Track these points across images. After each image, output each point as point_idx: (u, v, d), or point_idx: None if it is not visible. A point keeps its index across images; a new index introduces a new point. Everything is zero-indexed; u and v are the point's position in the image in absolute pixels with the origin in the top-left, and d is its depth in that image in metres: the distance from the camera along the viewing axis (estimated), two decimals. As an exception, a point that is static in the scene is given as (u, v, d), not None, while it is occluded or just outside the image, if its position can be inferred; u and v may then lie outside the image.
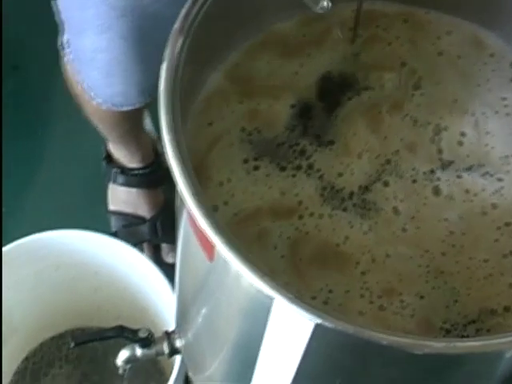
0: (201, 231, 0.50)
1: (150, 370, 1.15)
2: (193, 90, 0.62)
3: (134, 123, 1.13)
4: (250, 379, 0.65)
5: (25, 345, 1.17)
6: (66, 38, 0.94)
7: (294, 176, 0.62)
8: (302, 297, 0.48)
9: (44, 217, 1.31)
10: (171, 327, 0.85)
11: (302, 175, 0.62)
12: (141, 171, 1.23)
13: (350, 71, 0.67)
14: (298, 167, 0.63)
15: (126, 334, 0.81)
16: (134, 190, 1.24)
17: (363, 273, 0.59)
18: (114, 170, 1.24)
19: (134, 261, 1.03)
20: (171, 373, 1.05)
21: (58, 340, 1.19)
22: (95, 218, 1.23)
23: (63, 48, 0.96)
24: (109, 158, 1.26)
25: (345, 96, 0.66)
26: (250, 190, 0.62)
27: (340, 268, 0.60)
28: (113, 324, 0.94)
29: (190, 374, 0.80)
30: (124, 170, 1.23)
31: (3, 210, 1.35)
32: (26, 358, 1.18)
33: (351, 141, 0.64)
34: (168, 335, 0.82)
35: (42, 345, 1.19)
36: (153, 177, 1.24)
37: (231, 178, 0.62)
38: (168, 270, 0.98)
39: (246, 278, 0.49)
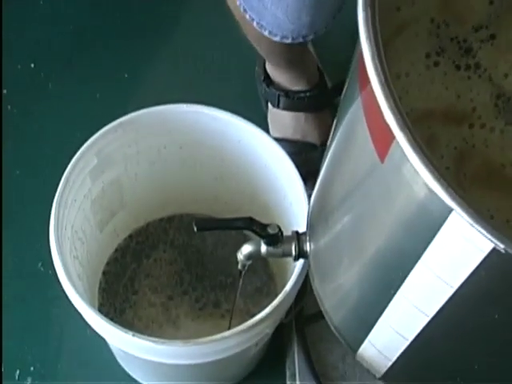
0: (381, 125, 0.49)
1: (259, 272, 1.17)
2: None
3: (299, 51, 1.13)
4: (387, 300, 0.64)
5: (130, 222, 1.19)
6: None
7: (469, 78, 0.61)
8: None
9: (173, 90, 1.32)
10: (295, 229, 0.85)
11: (476, 79, 0.62)
12: (308, 94, 1.21)
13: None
14: (467, 67, 0.62)
15: (254, 228, 0.82)
16: (301, 115, 1.23)
17: (526, 204, 0.58)
18: (277, 93, 1.22)
19: (268, 151, 1.03)
20: (284, 279, 1.06)
21: (166, 223, 1.22)
22: (228, 99, 1.23)
23: None
24: (269, 79, 1.24)
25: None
26: (426, 87, 0.61)
27: (503, 193, 0.60)
28: (228, 217, 0.95)
29: (315, 283, 0.80)
30: (288, 93, 1.22)
31: (125, 75, 1.38)
32: (130, 236, 1.20)
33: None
34: (298, 236, 0.82)
35: (148, 225, 1.21)
36: (320, 98, 1.22)
37: (409, 72, 0.61)
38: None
39: (423, 184, 0.48)
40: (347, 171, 0.65)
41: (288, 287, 0.90)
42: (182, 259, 1.20)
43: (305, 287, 0.93)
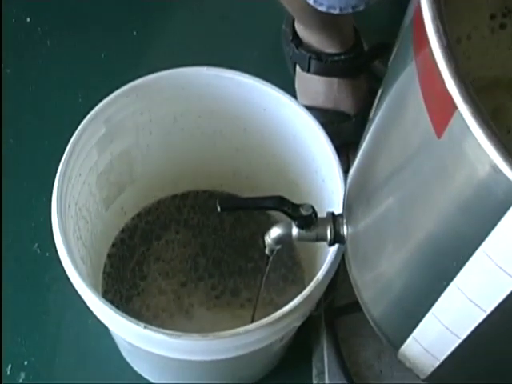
0: (441, 95, 0.49)
1: (284, 257, 1.17)
2: None
3: None
4: (438, 292, 0.64)
5: (140, 199, 1.19)
6: None
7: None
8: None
9: (188, 51, 1.32)
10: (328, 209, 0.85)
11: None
12: (342, 57, 1.21)
13: None
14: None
15: (285, 208, 0.82)
16: (334, 80, 1.22)
17: None
18: (308, 55, 1.22)
19: (297, 120, 1.03)
20: (312, 266, 1.06)
21: (180, 200, 1.22)
22: (251, 62, 1.23)
23: None
24: (298, 39, 1.24)
25: None
26: (490, 53, 0.61)
27: None
28: (247, 195, 0.95)
29: (352, 271, 0.80)
30: (321, 56, 1.21)
31: (134, 33, 1.38)
32: (139, 215, 1.20)
33: None
34: (334, 218, 0.82)
35: (159, 202, 1.21)
36: (356, 63, 1.22)
37: (472, 35, 0.60)
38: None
39: (489, 162, 0.48)
40: (395, 146, 0.65)
41: (320, 275, 0.89)
42: (197, 241, 1.20)
43: (336, 275, 0.93)
